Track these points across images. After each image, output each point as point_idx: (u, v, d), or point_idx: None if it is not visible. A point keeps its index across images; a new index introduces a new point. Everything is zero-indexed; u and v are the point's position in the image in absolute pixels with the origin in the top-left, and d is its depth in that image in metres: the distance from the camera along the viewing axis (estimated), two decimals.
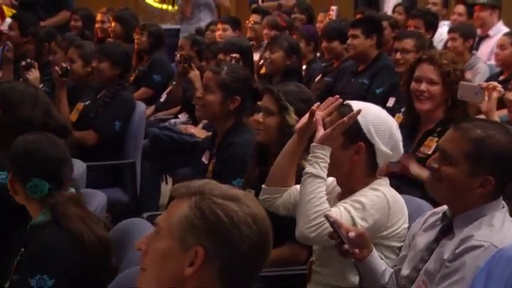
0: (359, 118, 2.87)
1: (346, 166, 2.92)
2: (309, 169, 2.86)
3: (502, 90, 3.87)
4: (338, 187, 3.02)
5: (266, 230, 1.80)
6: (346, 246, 2.61)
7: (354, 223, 2.80)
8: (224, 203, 1.77)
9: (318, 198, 2.82)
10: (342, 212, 2.82)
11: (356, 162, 2.91)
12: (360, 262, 2.70)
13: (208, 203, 1.77)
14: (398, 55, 5.25)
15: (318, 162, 2.85)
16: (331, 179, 3.01)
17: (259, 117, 3.53)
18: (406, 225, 2.91)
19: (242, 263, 1.77)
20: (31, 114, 3.44)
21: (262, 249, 1.79)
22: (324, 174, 2.86)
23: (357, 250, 2.64)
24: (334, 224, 2.61)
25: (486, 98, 3.81)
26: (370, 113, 2.93)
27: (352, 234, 2.61)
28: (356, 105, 2.95)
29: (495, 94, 3.84)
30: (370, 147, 2.92)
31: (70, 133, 3.62)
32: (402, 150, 3.00)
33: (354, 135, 2.90)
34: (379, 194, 2.88)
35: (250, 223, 1.76)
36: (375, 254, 2.72)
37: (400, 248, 2.85)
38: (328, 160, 2.86)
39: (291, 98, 3.47)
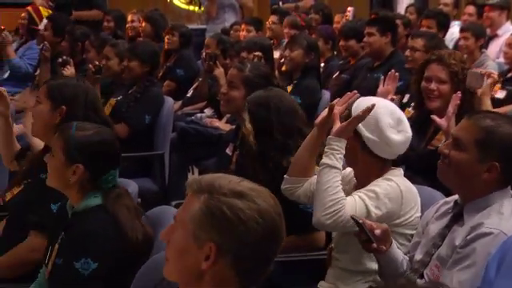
0: (352, 109, 2.88)
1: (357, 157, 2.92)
2: (325, 160, 2.86)
3: (496, 76, 4.01)
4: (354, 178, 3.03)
5: (272, 220, 1.80)
6: (375, 245, 2.62)
7: (368, 211, 2.81)
8: (231, 202, 1.78)
9: (333, 187, 2.82)
10: (356, 200, 2.83)
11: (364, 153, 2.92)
12: (382, 255, 2.70)
13: (216, 202, 1.78)
14: (408, 52, 5.26)
15: (334, 154, 2.85)
16: (348, 170, 3.01)
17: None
18: (419, 213, 2.90)
19: (252, 254, 1.79)
20: (82, 111, 3.25)
21: (271, 237, 1.80)
22: (339, 164, 2.85)
23: (383, 247, 2.64)
24: (363, 224, 2.61)
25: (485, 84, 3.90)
26: (361, 103, 2.90)
27: (378, 232, 2.62)
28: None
29: (489, 81, 3.93)
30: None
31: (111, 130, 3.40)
32: (394, 140, 2.88)
33: None
34: (392, 184, 2.88)
35: (257, 218, 1.77)
36: (394, 245, 2.72)
37: (413, 235, 2.85)
38: (343, 152, 2.86)
39: (251, 104, 3.47)
